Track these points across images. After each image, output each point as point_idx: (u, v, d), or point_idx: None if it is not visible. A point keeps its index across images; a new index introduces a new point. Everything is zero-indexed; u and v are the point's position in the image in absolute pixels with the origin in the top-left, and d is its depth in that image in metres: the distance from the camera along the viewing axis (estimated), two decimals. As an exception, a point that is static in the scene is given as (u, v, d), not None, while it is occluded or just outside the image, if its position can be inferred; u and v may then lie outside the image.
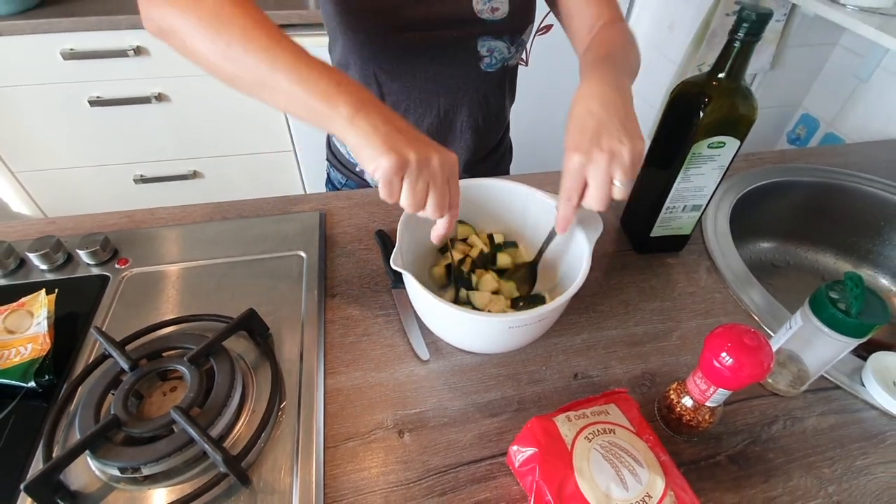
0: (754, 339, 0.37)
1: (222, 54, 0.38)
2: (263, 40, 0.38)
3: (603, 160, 0.40)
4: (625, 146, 0.40)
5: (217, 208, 0.66)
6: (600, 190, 0.41)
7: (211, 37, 0.38)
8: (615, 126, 0.41)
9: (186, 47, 0.40)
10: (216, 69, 0.40)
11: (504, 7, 0.59)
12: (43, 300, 0.49)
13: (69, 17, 1.21)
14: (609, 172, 0.40)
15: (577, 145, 0.41)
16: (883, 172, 0.79)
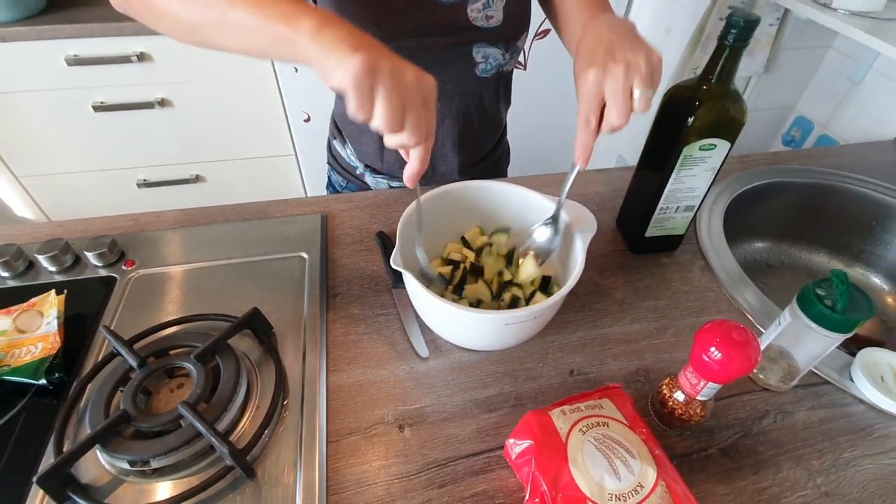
0: (742, 334, 0.38)
1: (179, 2, 0.38)
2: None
3: (620, 70, 0.39)
4: (640, 55, 0.39)
5: (220, 211, 0.68)
6: (622, 102, 0.39)
7: None
8: (627, 41, 0.40)
9: (148, 8, 0.40)
10: (178, 23, 0.39)
11: (498, 15, 0.61)
12: (53, 300, 0.50)
13: (73, 24, 1.23)
14: (628, 82, 0.39)
15: (591, 61, 0.40)
16: (875, 173, 0.80)
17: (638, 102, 0.40)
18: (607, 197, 0.73)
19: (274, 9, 0.35)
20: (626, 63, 0.39)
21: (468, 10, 0.60)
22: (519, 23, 0.63)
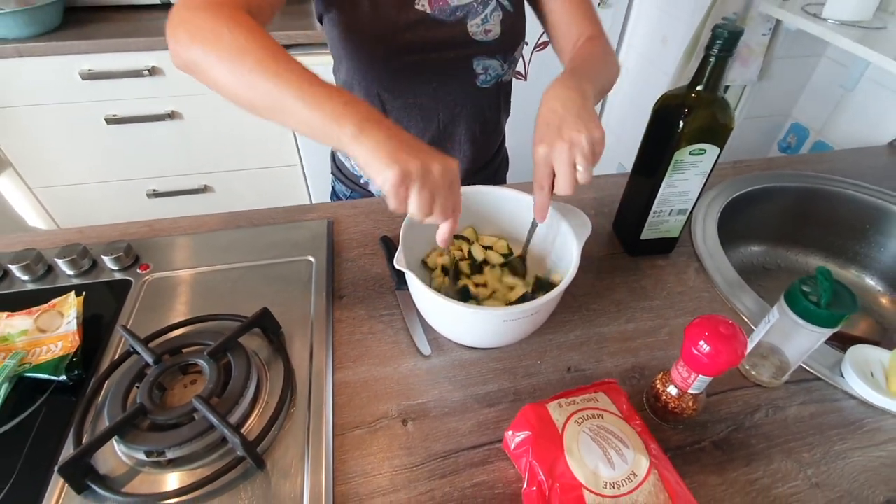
0: (729, 328, 0.40)
1: (240, 83, 0.42)
2: (275, 68, 0.42)
3: (565, 148, 0.45)
4: (582, 134, 0.44)
5: (231, 217, 0.70)
6: (566, 175, 0.45)
7: (230, 68, 0.42)
8: (573, 119, 0.45)
9: (209, 79, 0.44)
10: (236, 97, 0.44)
11: (496, 29, 0.64)
12: (72, 301, 0.52)
13: (87, 40, 1.27)
14: (571, 158, 0.45)
15: (542, 138, 0.46)
16: (867, 178, 0.82)
17: (580, 175, 0.45)
18: (604, 202, 0.75)
19: (323, 106, 0.40)
20: (570, 141, 0.44)
21: (468, 26, 0.63)
22: (515, 35, 0.66)
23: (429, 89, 0.67)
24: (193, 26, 0.44)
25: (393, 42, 0.62)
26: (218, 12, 0.44)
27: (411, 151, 0.40)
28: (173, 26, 0.45)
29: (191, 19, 0.44)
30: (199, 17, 0.44)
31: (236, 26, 0.43)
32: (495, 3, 0.63)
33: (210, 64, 0.43)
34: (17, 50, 1.25)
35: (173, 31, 0.45)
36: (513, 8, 0.64)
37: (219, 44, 0.43)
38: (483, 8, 0.63)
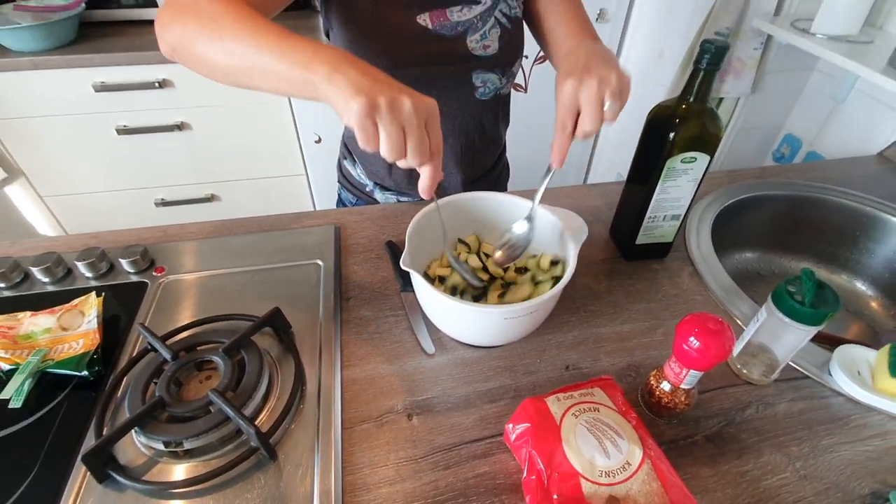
0: (717, 324, 0.42)
1: (218, 49, 0.43)
2: (249, 29, 0.42)
3: (594, 82, 0.44)
4: (612, 73, 0.45)
5: (242, 223, 0.73)
6: (592, 110, 0.45)
7: (207, 35, 0.43)
8: (601, 61, 0.46)
9: (192, 55, 0.45)
10: (216, 67, 0.45)
11: (494, 45, 0.67)
12: (93, 301, 0.55)
13: (102, 53, 1.31)
14: (600, 93, 0.44)
15: (570, 74, 0.46)
16: (858, 186, 0.85)
17: (608, 112, 0.45)
18: (602, 209, 0.78)
19: (294, 54, 0.40)
20: (599, 77, 0.45)
21: (467, 41, 0.66)
22: (513, 51, 0.69)
23: None
24: (176, 7, 0.45)
25: (395, 55, 0.65)
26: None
27: (383, 85, 0.38)
28: (159, 12, 0.47)
29: (174, 2, 0.46)
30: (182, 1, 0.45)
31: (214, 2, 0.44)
32: (494, 20, 0.66)
33: (190, 38, 0.44)
34: (32, 63, 1.29)
35: (158, 16, 0.47)
36: (511, 25, 0.68)
37: (197, 16, 0.44)
38: (482, 24, 0.66)
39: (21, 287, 0.62)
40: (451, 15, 0.64)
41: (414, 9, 0.63)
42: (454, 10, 0.64)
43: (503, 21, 0.67)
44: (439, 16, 0.64)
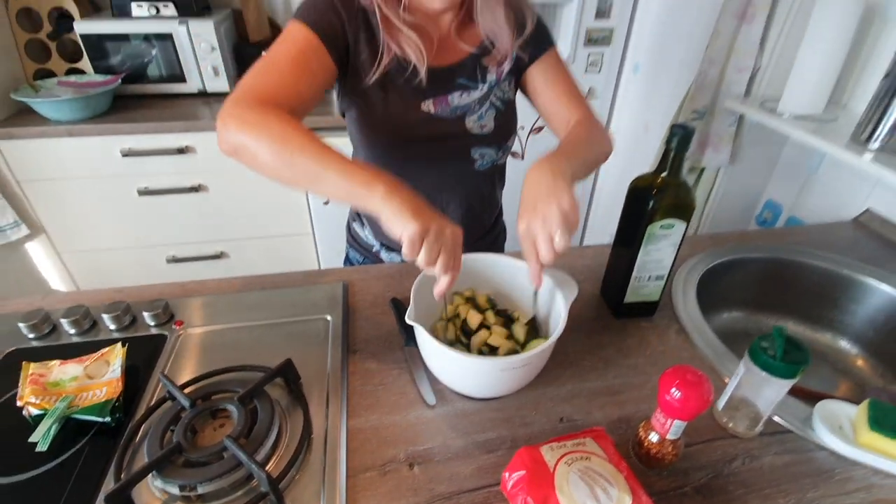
0: (695, 375, 0.46)
1: (285, 164, 0.53)
2: (316, 151, 0.52)
3: (538, 223, 0.53)
4: (553, 206, 0.52)
5: (256, 280, 0.78)
6: (544, 246, 0.53)
7: (277, 153, 0.52)
8: (545, 194, 0.53)
9: (256, 160, 0.54)
10: (275, 173, 0.54)
11: (490, 124, 0.76)
12: (118, 351, 0.59)
13: (132, 123, 1.43)
14: (547, 230, 0.52)
15: (521, 215, 0.55)
16: (834, 249, 0.91)
17: (557, 244, 0.53)
18: (593, 269, 0.83)
19: (356, 175, 0.51)
20: (543, 216, 0.53)
21: (466, 122, 0.75)
22: (507, 130, 0.78)
23: (433, 173, 0.78)
24: (243, 119, 0.54)
25: (402, 136, 0.73)
26: (265, 109, 0.55)
27: (431, 214, 0.50)
28: (224, 117, 0.55)
29: (241, 114, 0.55)
30: (248, 111, 0.55)
31: (280, 120, 0.54)
32: (489, 103, 0.76)
33: (259, 147, 0.53)
34: (68, 131, 1.40)
35: (224, 121, 0.55)
36: (504, 107, 0.77)
37: (269, 133, 0.53)
38: (479, 107, 0.75)
39: (49, 338, 0.66)
40: (451, 100, 0.73)
41: (419, 97, 0.72)
42: (454, 97, 0.74)
43: (497, 104, 0.76)
44: (441, 102, 0.73)
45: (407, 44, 0.67)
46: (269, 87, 0.59)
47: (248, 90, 0.58)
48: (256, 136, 0.53)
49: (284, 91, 0.59)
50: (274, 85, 0.59)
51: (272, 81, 0.60)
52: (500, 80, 0.76)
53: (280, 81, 0.60)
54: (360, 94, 0.71)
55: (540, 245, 0.54)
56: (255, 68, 0.61)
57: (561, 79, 0.76)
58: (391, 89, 0.71)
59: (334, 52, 0.65)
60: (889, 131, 0.88)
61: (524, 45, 0.73)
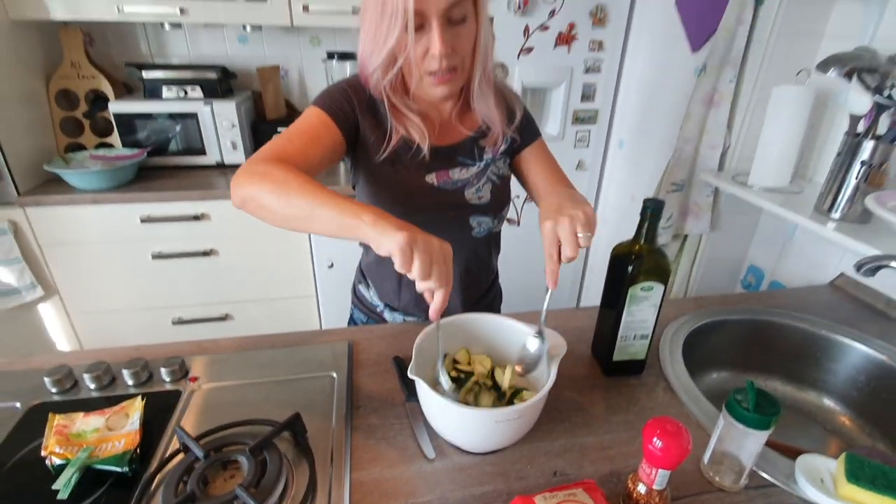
0: (675, 426, 0.50)
1: (284, 204, 0.60)
2: (311, 190, 0.59)
3: (566, 220, 0.59)
4: (579, 210, 0.59)
5: (266, 339, 0.83)
6: (569, 241, 0.58)
7: (277, 195, 0.60)
8: (571, 202, 0.61)
9: (261, 206, 0.62)
10: (277, 215, 0.61)
11: (487, 196, 0.85)
12: (138, 405, 0.63)
13: (154, 192, 1.54)
14: (573, 227, 0.58)
15: (547, 216, 0.61)
16: (812, 311, 0.96)
17: (582, 240, 0.60)
18: (585, 330, 0.88)
19: (345, 209, 0.57)
20: (570, 216, 0.60)
21: (465, 194, 0.83)
22: (502, 200, 0.87)
23: None
24: (251, 171, 0.63)
25: (408, 206, 0.81)
26: (272, 163, 0.63)
27: (418, 229, 0.54)
28: (237, 174, 0.64)
29: (250, 168, 0.64)
30: (257, 165, 0.63)
31: (282, 168, 0.62)
32: (486, 178, 0.85)
33: (262, 194, 0.61)
34: (93, 199, 1.51)
35: (236, 177, 0.64)
36: (500, 181, 0.86)
37: (269, 179, 0.61)
38: (477, 181, 0.84)
39: (70, 392, 0.70)
40: (452, 175, 0.83)
41: (424, 171, 0.81)
42: (455, 171, 0.83)
43: (494, 178, 0.86)
44: (443, 175, 0.82)
45: (412, 127, 0.77)
46: (279, 150, 0.68)
47: (261, 153, 0.67)
48: (260, 184, 0.61)
49: (293, 153, 0.68)
50: (284, 148, 0.68)
51: (282, 146, 0.69)
52: (496, 157, 0.85)
53: (290, 147, 0.69)
54: (371, 170, 0.80)
55: (566, 241, 0.59)
56: (274, 139, 0.70)
57: (549, 163, 0.87)
58: (399, 165, 0.80)
59: (343, 128, 0.75)
60: (847, 203, 0.96)
61: (516, 130, 0.85)
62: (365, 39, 0.71)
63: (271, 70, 1.84)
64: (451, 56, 0.68)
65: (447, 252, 0.56)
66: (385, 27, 0.66)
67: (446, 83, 0.72)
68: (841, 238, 0.94)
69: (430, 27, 0.66)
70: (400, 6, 0.63)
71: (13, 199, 1.48)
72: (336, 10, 1.61)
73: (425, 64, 0.69)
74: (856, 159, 0.94)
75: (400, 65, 0.70)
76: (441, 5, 0.64)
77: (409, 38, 0.65)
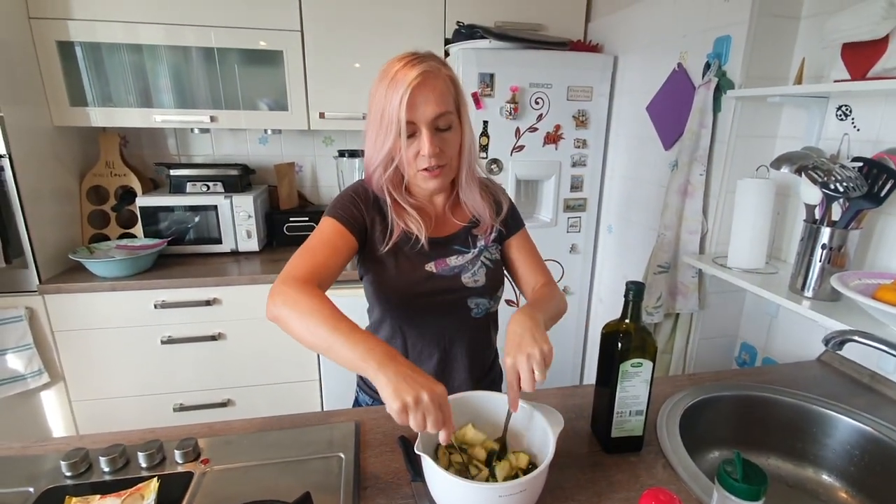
0: (667, 496, 0.53)
1: (307, 332, 0.68)
2: (331, 324, 0.66)
3: (524, 359, 0.66)
4: (536, 348, 0.67)
5: (275, 420, 0.86)
6: (527, 378, 0.66)
7: (304, 323, 0.68)
8: (528, 338, 0.68)
9: (290, 328, 0.70)
10: (302, 340, 0.69)
11: (482, 279, 0.93)
12: (153, 487, 0.65)
13: (170, 279, 1.62)
14: (529, 365, 0.66)
15: (508, 352, 0.68)
16: (802, 387, 1.00)
17: (538, 376, 0.67)
18: (584, 408, 0.91)
19: (357, 349, 0.63)
20: (527, 354, 0.67)
21: (462, 278, 0.92)
22: (496, 282, 0.96)
23: (435, 322, 0.93)
24: (284, 295, 0.72)
25: (409, 293, 0.90)
26: (300, 287, 0.72)
27: (411, 385, 0.58)
28: (273, 294, 0.73)
29: (283, 291, 0.72)
30: (288, 289, 0.72)
31: (310, 297, 0.70)
32: (480, 262, 0.94)
33: (291, 319, 0.70)
34: (112, 286, 1.58)
35: (272, 297, 0.73)
36: (493, 265, 0.95)
37: (298, 307, 0.70)
38: (472, 266, 0.93)
39: (83, 476, 0.72)
40: (449, 262, 0.92)
41: (424, 260, 0.90)
42: (452, 259, 0.92)
43: (487, 263, 0.95)
44: (441, 263, 0.91)
45: (410, 221, 0.88)
46: (305, 267, 0.77)
47: (290, 271, 0.77)
48: (290, 310, 0.70)
49: (316, 268, 0.78)
50: (309, 265, 0.78)
51: (307, 263, 0.78)
52: (488, 245, 0.95)
53: (313, 262, 0.79)
54: (376, 261, 0.89)
55: (524, 377, 0.66)
56: (297, 253, 0.80)
57: (531, 252, 0.99)
58: (400, 255, 0.89)
59: (356, 232, 0.86)
60: (816, 282, 1.04)
61: (503, 221, 0.96)
62: (368, 144, 0.85)
63: (287, 166, 2.02)
64: (439, 156, 0.82)
65: (440, 398, 0.60)
66: (384, 133, 0.81)
67: (437, 178, 0.85)
68: (816, 315, 1.00)
69: (421, 133, 0.80)
70: (395, 117, 0.78)
71: (34, 286, 1.56)
72: (348, 116, 1.82)
73: (417, 162, 0.83)
74: (817, 244, 1.03)
75: (396, 163, 0.84)
76: (428, 116, 0.79)
77: (402, 142, 0.80)
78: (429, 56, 0.82)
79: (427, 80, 0.78)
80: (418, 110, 0.78)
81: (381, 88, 0.80)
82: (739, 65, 1.26)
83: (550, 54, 1.76)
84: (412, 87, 0.77)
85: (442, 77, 0.81)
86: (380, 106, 0.80)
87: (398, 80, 0.78)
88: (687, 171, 1.36)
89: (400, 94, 0.77)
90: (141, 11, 1.62)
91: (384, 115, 0.79)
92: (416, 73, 0.77)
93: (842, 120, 1.14)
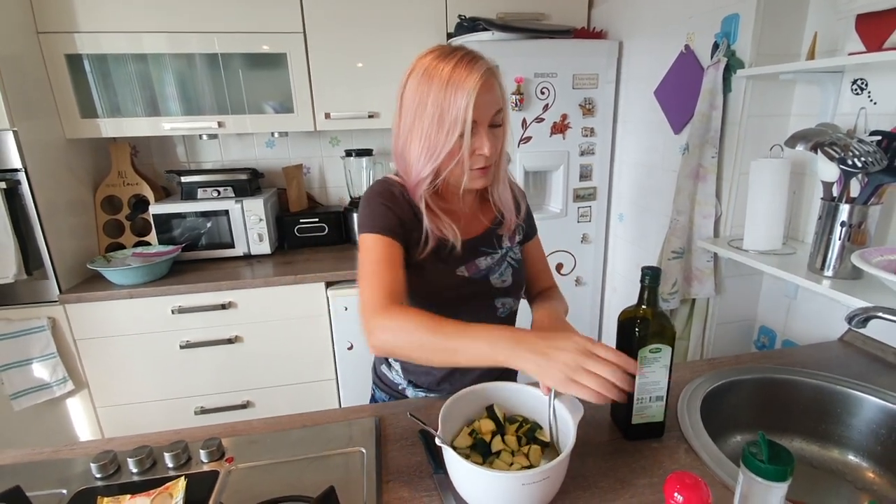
0: (693, 479, 0.53)
1: (425, 353, 0.70)
2: (441, 336, 0.68)
3: None
4: None
5: (298, 418, 0.87)
6: None
7: (416, 347, 0.70)
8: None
9: (402, 354, 0.73)
10: (419, 359, 0.71)
11: (509, 279, 0.94)
12: (181, 486, 0.66)
13: (185, 284, 1.64)
14: None
15: None
16: (825, 368, 0.98)
17: None
18: (602, 396, 0.91)
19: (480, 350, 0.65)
20: None
21: (490, 280, 0.93)
22: (521, 282, 0.97)
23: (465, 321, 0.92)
24: (381, 328, 0.73)
25: (442, 295, 0.90)
26: (387, 313, 0.73)
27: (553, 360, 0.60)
28: (371, 332, 0.74)
29: (377, 325, 0.73)
30: (379, 321, 0.73)
31: (402, 318, 0.71)
32: (506, 263, 0.95)
33: (404, 348, 0.72)
34: (129, 293, 1.61)
35: (371, 335, 0.74)
36: (517, 265, 0.97)
37: (405, 335, 0.71)
38: (499, 266, 0.94)
39: (113, 477, 0.73)
40: (479, 263, 0.93)
41: (456, 265, 0.91)
42: (481, 260, 0.93)
43: (513, 263, 0.96)
44: (472, 267, 0.92)
45: (445, 228, 0.88)
46: (382, 292, 0.77)
47: (369, 302, 0.76)
48: (394, 339, 0.72)
49: (390, 288, 0.78)
50: (382, 289, 0.77)
51: (378, 287, 0.78)
52: (513, 245, 0.97)
53: (382, 284, 0.78)
54: (413, 266, 0.89)
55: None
56: (365, 281, 0.79)
57: (542, 257, 1.05)
58: (435, 261, 0.90)
59: (402, 240, 0.85)
60: (836, 261, 1.02)
61: (523, 222, 0.99)
62: (414, 148, 0.82)
63: (295, 168, 2.03)
64: (493, 153, 0.83)
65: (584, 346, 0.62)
66: (444, 135, 0.78)
67: (486, 175, 0.86)
68: (837, 294, 0.98)
69: (479, 132, 0.80)
70: (460, 117, 0.76)
71: (55, 297, 1.59)
72: (354, 116, 1.82)
73: (472, 161, 0.82)
74: (836, 221, 1.01)
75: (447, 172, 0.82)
76: (491, 114, 0.80)
77: (465, 143, 0.78)
78: (477, 53, 0.81)
79: (490, 79, 0.78)
80: (482, 110, 0.78)
81: (435, 89, 0.77)
82: (749, 43, 1.24)
83: (554, 43, 1.74)
84: (479, 86, 0.76)
85: (497, 74, 0.82)
86: (437, 107, 0.77)
87: (459, 80, 0.76)
88: (698, 154, 1.34)
89: (466, 95, 0.75)
90: (145, 21, 1.63)
91: (444, 116, 0.77)
92: (479, 73, 0.77)
93: (857, 94, 1.11)
